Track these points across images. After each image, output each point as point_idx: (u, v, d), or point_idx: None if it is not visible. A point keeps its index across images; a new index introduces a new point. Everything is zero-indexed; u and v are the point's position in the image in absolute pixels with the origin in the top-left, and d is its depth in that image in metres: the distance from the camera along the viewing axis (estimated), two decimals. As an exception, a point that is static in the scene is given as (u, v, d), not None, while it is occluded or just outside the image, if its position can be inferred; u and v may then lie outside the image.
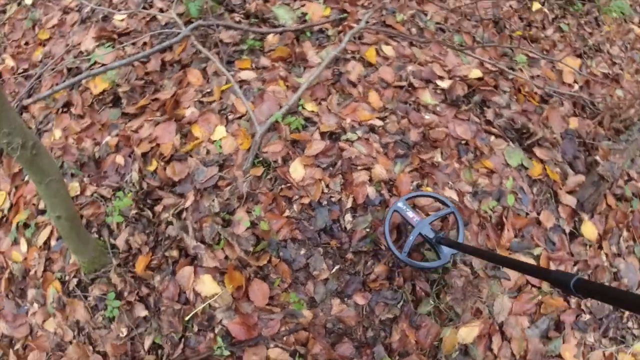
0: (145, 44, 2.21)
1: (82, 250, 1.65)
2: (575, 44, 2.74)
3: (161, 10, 2.33)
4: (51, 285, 1.83)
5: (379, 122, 2.08)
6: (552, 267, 1.98)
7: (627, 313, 2.01)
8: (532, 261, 1.96)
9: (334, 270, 1.76)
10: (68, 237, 1.57)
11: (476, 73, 2.31)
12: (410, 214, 1.71)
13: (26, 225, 1.93)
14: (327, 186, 1.90)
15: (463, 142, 2.12)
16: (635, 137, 2.16)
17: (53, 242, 1.88)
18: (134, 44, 2.19)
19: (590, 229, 2.05)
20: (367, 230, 1.82)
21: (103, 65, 2.13)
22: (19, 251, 1.93)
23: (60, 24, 2.43)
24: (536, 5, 2.88)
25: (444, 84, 2.24)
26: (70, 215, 1.47)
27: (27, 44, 2.46)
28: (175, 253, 1.74)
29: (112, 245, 1.80)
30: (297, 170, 1.88)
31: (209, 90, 2.06)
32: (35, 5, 2.63)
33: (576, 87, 2.52)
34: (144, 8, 2.36)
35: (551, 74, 2.53)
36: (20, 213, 1.96)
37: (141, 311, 1.74)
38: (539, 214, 2.07)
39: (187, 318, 1.69)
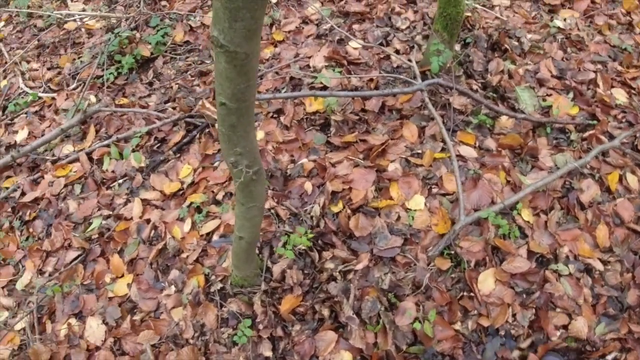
0: (371, 80, 2.19)
1: (242, 268, 1.63)
2: None
3: (397, 52, 2.31)
4: (195, 277, 1.86)
5: (599, 265, 1.74)
6: None
7: None
8: None
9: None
10: (238, 254, 1.56)
11: None
12: None
13: (198, 209, 2.01)
14: (514, 315, 1.63)
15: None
16: None
17: (215, 237, 1.91)
18: (361, 77, 2.18)
19: None
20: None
21: (325, 87, 2.16)
22: (181, 229, 2.00)
23: (297, 32, 2.57)
24: None
25: (697, 252, 1.81)
26: (252, 240, 1.44)
27: (260, 38, 2.64)
28: (326, 312, 1.62)
29: (267, 269, 1.76)
30: (486, 282, 1.65)
31: (420, 151, 1.95)
32: (279, 5, 2.83)
33: None
34: (381, 44, 2.36)
35: None
36: (198, 194, 2.05)
37: (267, 351, 1.65)
38: None
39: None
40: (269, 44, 2.55)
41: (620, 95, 2.33)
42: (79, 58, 3.02)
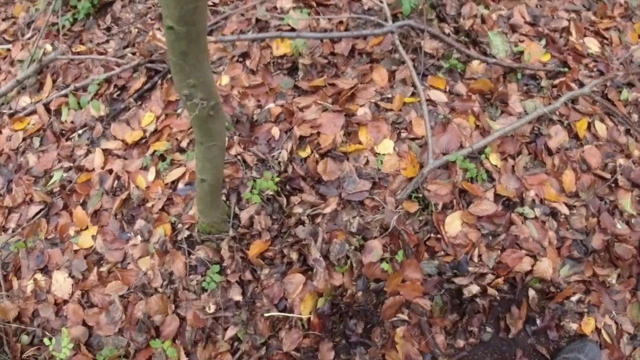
0: (341, 22, 2.12)
1: (208, 213, 1.61)
2: None
3: (369, -6, 2.24)
4: (162, 226, 1.83)
5: (564, 209, 1.80)
6: None
7: None
8: None
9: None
10: (202, 199, 1.53)
11: (701, 196, 1.92)
12: None
13: (162, 157, 1.96)
14: (480, 256, 1.68)
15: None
16: None
17: (181, 185, 1.88)
18: (330, 19, 2.11)
19: None
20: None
21: (293, 29, 2.09)
22: (145, 178, 1.95)
23: (264, -28, 2.45)
24: None
25: (656, 194, 1.88)
26: (215, 182, 1.41)
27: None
28: (294, 255, 1.63)
29: (235, 215, 1.75)
30: (453, 224, 1.68)
31: (390, 96, 1.93)
32: (246, -56, 2.68)
33: None
34: (353, -15, 2.28)
35: None
36: (161, 142, 1.99)
37: (237, 295, 1.66)
38: None
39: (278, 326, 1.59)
40: (235, -14, 2.44)
41: (592, 45, 2.34)
42: (34, 6, 2.83)
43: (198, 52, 1.01)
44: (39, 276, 1.89)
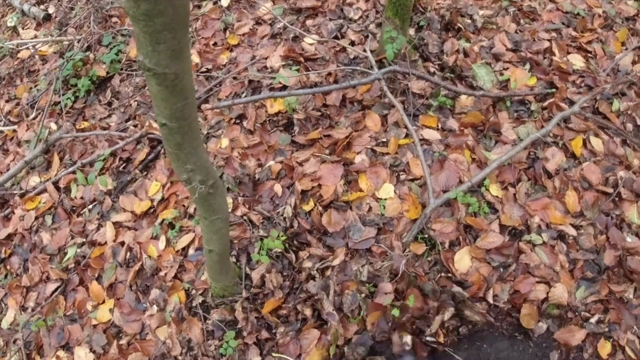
0: (330, 74, 2.22)
1: (219, 279, 1.66)
2: None
3: (352, 43, 2.34)
4: (176, 294, 1.88)
5: (571, 231, 1.81)
6: None
7: None
8: None
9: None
10: (212, 267, 1.58)
11: None
12: None
13: (171, 225, 2.03)
14: (495, 296, 1.68)
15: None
16: None
17: (191, 251, 1.93)
18: (319, 72, 2.21)
19: None
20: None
21: (284, 87, 2.19)
22: (156, 247, 2.02)
23: (251, 34, 2.58)
24: None
25: (663, 204, 1.89)
26: (222, 251, 1.47)
27: (215, 44, 2.65)
28: (308, 311, 1.66)
29: (246, 275, 1.79)
30: (463, 261, 1.70)
31: (384, 140, 1.99)
32: (231, 8, 2.84)
33: None
34: (336, 37, 2.39)
35: None
36: (169, 210, 2.06)
37: (255, 356, 1.68)
38: None
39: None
40: (225, 49, 2.56)
41: (577, 60, 2.40)
42: (35, 86, 2.99)
43: (192, 141, 1.08)
44: (61, 353, 1.94)
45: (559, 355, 1.67)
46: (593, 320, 1.74)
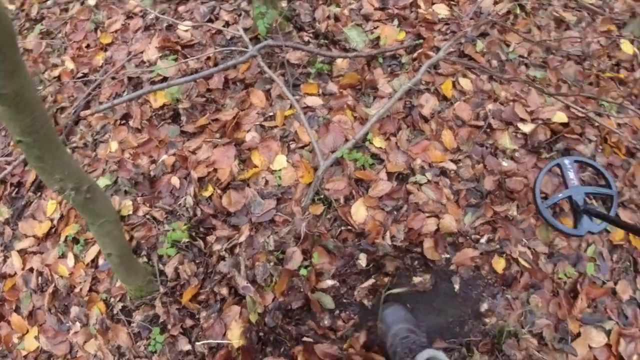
0: (209, 58, 2.25)
1: (130, 280, 1.70)
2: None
3: (227, 24, 2.37)
4: (95, 306, 1.89)
5: (451, 165, 2.03)
6: (622, 344, 1.86)
7: None
8: (602, 336, 1.85)
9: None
10: (118, 270, 1.62)
11: (561, 117, 2.21)
12: (571, 174, 1.73)
13: (75, 240, 2.01)
14: (392, 237, 1.87)
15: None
16: None
17: (101, 261, 1.94)
18: (197, 58, 2.23)
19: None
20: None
21: (165, 78, 2.19)
22: (66, 266, 2.00)
23: (124, 29, 2.52)
24: (627, 45, 2.73)
25: (526, 127, 2.16)
26: (121, 253, 1.50)
27: (88, 47, 2.56)
28: (224, 291, 1.75)
29: (160, 271, 1.84)
30: (359, 212, 1.87)
31: (271, 114, 2.08)
32: (99, 7, 2.74)
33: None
34: (210, 20, 2.41)
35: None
36: (70, 226, 2.04)
37: (184, 345, 1.76)
38: (615, 283, 1.96)
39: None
40: (99, 50, 2.49)
41: (441, 10, 2.60)
42: None
43: (53, 151, 1.11)
44: (-3, 393, 1.91)
45: (460, 278, 1.90)
46: (483, 240, 1.97)
